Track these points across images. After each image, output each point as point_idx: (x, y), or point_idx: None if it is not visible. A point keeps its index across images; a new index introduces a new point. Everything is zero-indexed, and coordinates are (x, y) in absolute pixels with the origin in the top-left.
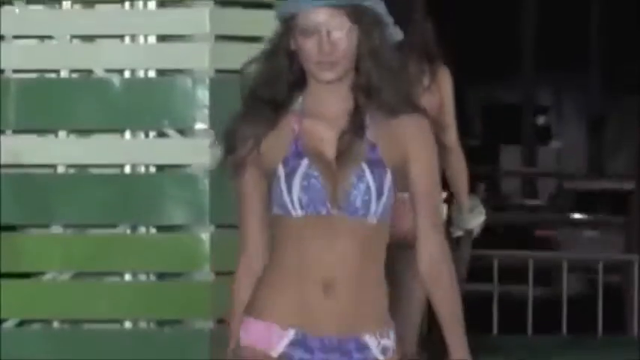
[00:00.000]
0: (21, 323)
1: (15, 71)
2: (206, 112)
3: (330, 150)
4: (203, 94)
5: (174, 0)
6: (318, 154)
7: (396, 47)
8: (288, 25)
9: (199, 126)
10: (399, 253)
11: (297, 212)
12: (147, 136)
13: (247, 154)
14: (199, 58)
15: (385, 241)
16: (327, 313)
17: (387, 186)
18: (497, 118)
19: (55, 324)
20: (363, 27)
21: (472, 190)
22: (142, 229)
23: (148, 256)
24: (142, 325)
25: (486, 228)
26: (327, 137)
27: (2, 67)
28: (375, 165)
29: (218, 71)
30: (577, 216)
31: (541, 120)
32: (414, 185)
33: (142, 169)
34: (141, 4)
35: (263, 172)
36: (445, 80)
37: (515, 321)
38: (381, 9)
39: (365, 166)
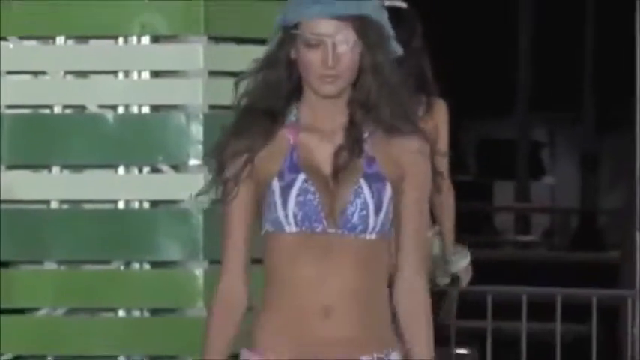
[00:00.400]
0: (16, 358)
1: (8, 107)
2: (200, 147)
3: (326, 165)
4: (197, 130)
5: (167, 36)
6: (314, 169)
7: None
8: (290, 33)
9: (193, 162)
10: None
11: (291, 228)
12: (140, 171)
13: (240, 172)
14: (193, 93)
15: (387, 258)
16: (325, 340)
17: (387, 200)
18: (491, 154)
19: (49, 359)
20: (368, 42)
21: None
22: (136, 265)
23: (141, 291)
24: None
25: (479, 264)
26: (323, 151)
27: None
28: (374, 179)
29: (212, 107)
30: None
31: (535, 156)
32: (404, 216)
33: (136, 205)
34: (135, 39)
35: (255, 186)
36: (441, 111)
37: (510, 357)
38: (385, 21)
39: (362, 182)
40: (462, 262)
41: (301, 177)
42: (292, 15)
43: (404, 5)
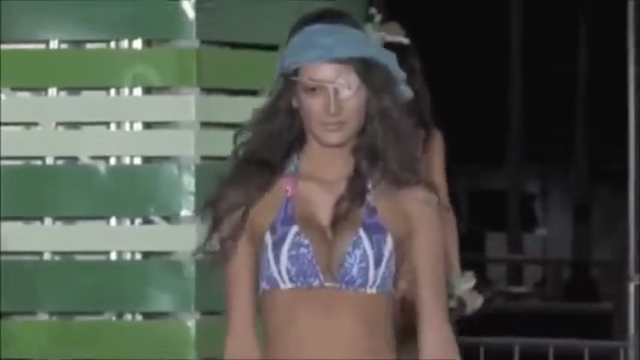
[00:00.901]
0: None
1: (1, 158)
2: (192, 198)
3: (324, 216)
4: (189, 181)
5: (160, 87)
6: (310, 220)
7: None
8: (290, 80)
9: (185, 213)
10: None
11: (287, 285)
12: (132, 223)
13: (238, 229)
14: (185, 144)
15: (390, 313)
16: None
17: (387, 253)
18: (483, 205)
19: None
20: (373, 85)
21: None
22: (128, 316)
23: (134, 343)
24: None
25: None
26: (322, 202)
27: None
28: (374, 230)
29: (204, 158)
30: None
31: (527, 207)
32: (416, 259)
33: (128, 256)
34: (127, 91)
35: (253, 241)
36: (437, 142)
37: None
38: (393, 65)
39: (362, 232)
40: (465, 285)
41: (294, 229)
42: (290, 61)
43: (406, 41)
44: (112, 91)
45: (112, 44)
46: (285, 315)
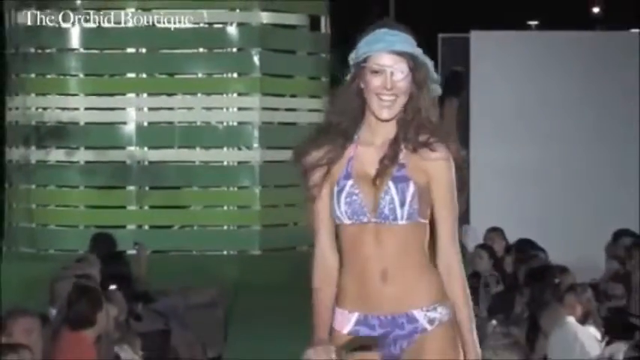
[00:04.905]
0: None
1: None
2: None
3: (372, 171)
4: None
5: None
6: (362, 175)
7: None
8: (360, 67)
9: None
10: None
11: (347, 221)
12: None
13: (322, 180)
14: None
15: (422, 236)
16: (383, 297)
17: (410, 196)
18: None
19: None
20: (417, 76)
21: None
22: None
23: None
24: None
25: None
26: (372, 161)
27: None
28: (400, 180)
29: None
30: None
31: None
32: (436, 206)
33: None
34: None
35: (330, 188)
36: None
37: None
38: (431, 66)
39: (391, 183)
40: None
41: (350, 182)
42: (362, 51)
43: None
44: None
45: None
46: (352, 240)
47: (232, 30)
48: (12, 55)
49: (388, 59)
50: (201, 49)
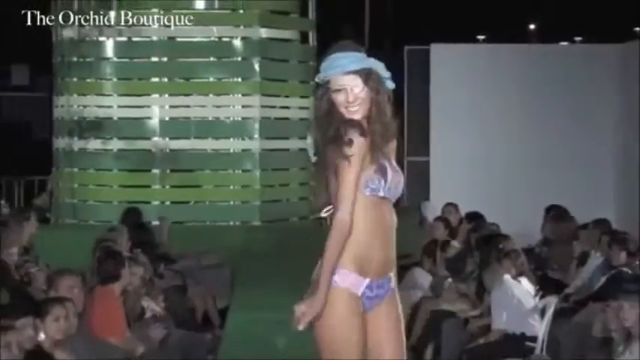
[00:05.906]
0: None
1: None
2: None
3: None
4: None
5: None
6: None
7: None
8: (325, 87)
9: None
10: None
11: (382, 194)
12: None
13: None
14: None
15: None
16: (380, 264)
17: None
18: None
19: None
20: (371, 85)
21: None
22: None
23: None
24: None
25: None
26: None
27: None
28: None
29: None
30: None
31: None
32: None
33: None
34: None
35: (364, 165)
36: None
37: None
38: (381, 68)
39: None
40: None
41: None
42: (323, 75)
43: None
44: None
45: None
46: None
47: (237, 43)
48: (58, 63)
49: (345, 79)
50: (212, 58)
